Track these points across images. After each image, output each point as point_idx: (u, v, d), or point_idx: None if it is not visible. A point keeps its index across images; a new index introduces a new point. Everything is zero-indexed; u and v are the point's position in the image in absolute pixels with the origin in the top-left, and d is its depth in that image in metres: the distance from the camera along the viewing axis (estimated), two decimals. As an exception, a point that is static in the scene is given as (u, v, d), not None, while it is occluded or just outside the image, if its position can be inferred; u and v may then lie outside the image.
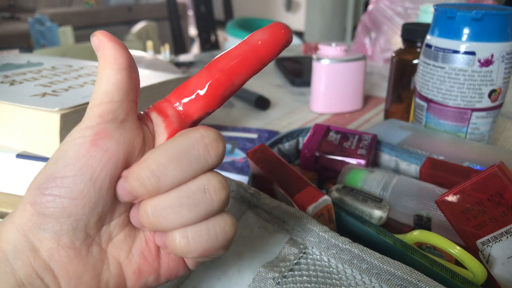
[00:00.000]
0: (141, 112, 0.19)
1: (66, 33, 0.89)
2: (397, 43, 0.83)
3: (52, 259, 0.16)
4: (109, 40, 0.17)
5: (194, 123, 0.19)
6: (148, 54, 0.65)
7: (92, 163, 0.15)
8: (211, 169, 0.17)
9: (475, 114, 0.37)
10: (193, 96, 0.18)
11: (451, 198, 0.24)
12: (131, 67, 0.17)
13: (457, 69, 0.36)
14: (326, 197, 0.25)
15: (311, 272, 0.21)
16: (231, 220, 0.17)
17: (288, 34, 0.19)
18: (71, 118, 0.30)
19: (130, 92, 0.17)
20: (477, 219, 0.23)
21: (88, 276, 0.16)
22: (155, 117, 0.18)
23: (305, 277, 0.21)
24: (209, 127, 0.17)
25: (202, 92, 0.18)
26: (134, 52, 0.65)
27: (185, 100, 0.19)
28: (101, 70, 0.17)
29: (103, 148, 0.16)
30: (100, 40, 0.17)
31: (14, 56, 0.47)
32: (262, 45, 0.18)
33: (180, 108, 0.19)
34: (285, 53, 1.00)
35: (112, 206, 0.17)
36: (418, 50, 0.46)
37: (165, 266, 0.18)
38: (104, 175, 0.16)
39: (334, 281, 0.21)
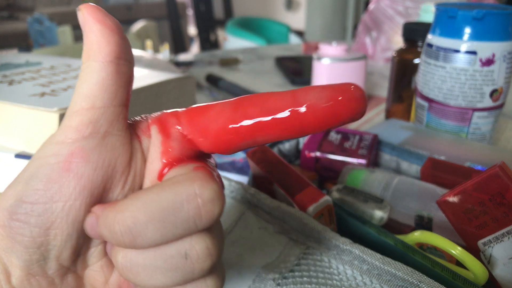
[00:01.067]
0: (141, 118, 0.16)
1: (65, 32, 0.89)
2: (398, 42, 0.83)
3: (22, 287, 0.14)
4: (95, 19, 0.14)
5: (198, 155, 0.16)
6: (148, 54, 0.65)
7: (65, 191, 0.13)
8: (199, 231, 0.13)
9: (476, 114, 0.37)
10: (206, 130, 0.15)
11: (452, 198, 0.23)
12: (121, 58, 0.14)
13: (458, 69, 0.36)
14: (326, 197, 0.25)
15: (311, 272, 0.21)
16: (214, 284, 0.14)
17: (359, 106, 0.13)
18: (70, 118, 0.30)
19: (118, 94, 0.14)
20: (479, 220, 0.23)
21: None
22: (155, 133, 0.15)
23: (305, 278, 0.21)
24: (209, 178, 0.13)
25: (218, 132, 0.14)
26: (134, 52, 0.65)
27: (196, 128, 0.15)
28: (85, 62, 0.14)
29: (77, 173, 0.13)
30: (85, 18, 0.14)
31: (12, 55, 0.47)
32: (313, 112, 0.13)
33: (186, 133, 0.15)
34: (285, 52, 1.00)
35: (88, 237, 0.14)
36: (419, 49, 0.46)
37: None
38: (79, 206, 0.13)
39: (335, 282, 0.20)
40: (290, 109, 0.14)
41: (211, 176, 0.13)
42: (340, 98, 0.13)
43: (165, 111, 0.16)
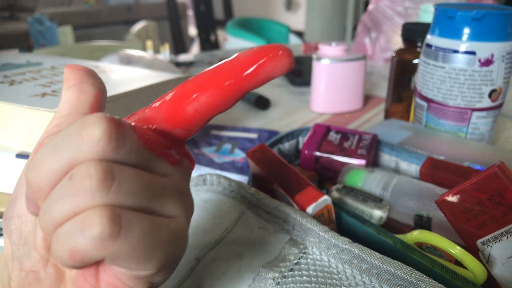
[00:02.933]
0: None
1: (66, 33, 0.89)
2: (398, 42, 0.83)
3: (18, 286, 0.16)
4: (68, 68, 0.18)
5: (160, 137, 0.16)
6: (148, 54, 0.65)
7: None
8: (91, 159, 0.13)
9: (475, 114, 0.37)
10: (158, 102, 0.17)
11: (452, 198, 0.24)
12: (83, 82, 0.18)
13: (457, 69, 0.36)
14: (326, 197, 0.25)
15: (311, 272, 0.21)
16: (102, 213, 0.13)
17: (283, 56, 0.16)
18: (70, 118, 0.30)
19: (80, 105, 0.17)
20: (478, 219, 0.23)
21: None
22: None
23: (305, 277, 0.21)
24: (101, 114, 0.14)
25: (167, 98, 0.16)
26: (134, 52, 0.65)
27: (154, 104, 0.17)
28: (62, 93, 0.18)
29: None
30: (65, 70, 0.18)
31: (13, 56, 0.47)
32: (240, 61, 0.16)
33: (148, 112, 0.16)
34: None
35: None
36: (419, 49, 0.46)
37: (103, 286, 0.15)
38: None
39: (334, 281, 0.21)
40: (226, 65, 0.16)
41: (106, 117, 0.14)
42: (266, 49, 0.16)
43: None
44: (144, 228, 0.13)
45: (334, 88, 0.56)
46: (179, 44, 1.95)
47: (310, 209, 0.24)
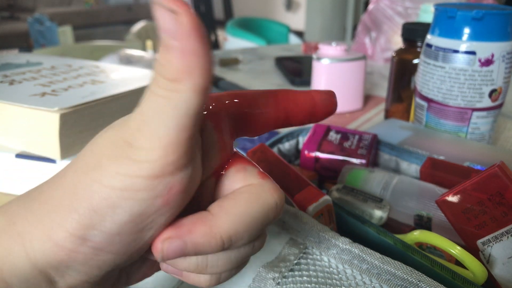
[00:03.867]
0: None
1: (66, 32, 0.89)
2: (398, 42, 0.83)
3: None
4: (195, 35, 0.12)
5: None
6: (148, 54, 0.65)
7: (159, 221, 0.14)
8: None
9: (475, 114, 0.37)
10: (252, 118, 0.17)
11: (452, 198, 0.24)
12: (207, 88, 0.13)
13: (457, 69, 0.36)
14: (326, 197, 0.25)
15: (311, 272, 0.21)
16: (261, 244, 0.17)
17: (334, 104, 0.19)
18: (70, 118, 0.30)
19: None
20: (478, 219, 0.23)
21: None
22: (210, 129, 0.16)
23: (305, 277, 0.21)
24: (278, 189, 0.16)
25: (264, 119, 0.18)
26: (134, 52, 0.65)
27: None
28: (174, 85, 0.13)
29: (175, 206, 0.14)
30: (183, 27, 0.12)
31: (13, 55, 0.47)
32: (320, 108, 0.19)
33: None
34: (285, 53, 1.00)
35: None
36: (419, 49, 0.46)
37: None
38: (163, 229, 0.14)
39: (334, 281, 0.21)
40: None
41: (275, 183, 0.16)
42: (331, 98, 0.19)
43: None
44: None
45: (334, 88, 0.56)
46: (179, 44, 1.95)
47: (310, 209, 0.24)
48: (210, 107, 0.16)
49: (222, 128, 0.16)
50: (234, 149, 0.17)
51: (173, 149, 0.12)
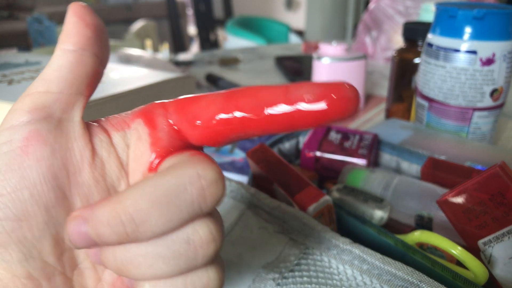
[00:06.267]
0: (120, 115, 0.15)
1: (65, 32, 0.89)
2: (398, 42, 0.83)
3: None
4: (74, 13, 0.14)
5: (187, 148, 0.15)
6: (147, 53, 0.65)
7: (28, 176, 0.13)
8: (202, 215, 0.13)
9: (476, 113, 0.37)
10: (197, 122, 0.14)
11: (453, 198, 0.23)
12: (85, 50, 0.14)
13: (458, 68, 0.36)
14: (326, 197, 0.25)
15: (311, 272, 0.21)
16: (216, 275, 0.13)
17: (352, 105, 0.13)
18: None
19: (75, 83, 0.14)
20: (479, 219, 0.23)
21: None
22: (140, 126, 0.15)
23: (305, 278, 0.21)
24: (208, 161, 0.13)
25: (207, 122, 0.14)
26: (133, 51, 0.65)
27: (185, 118, 0.14)
28: (55, 50, 0.14)
29: (36, 157, 0.13)
30: (68, 12, 0.14)
31: (12, 55, 0.47)
32: (305, 110, 0.13)
33: (174, 123, 0.15)
34: (285, 52, 1.00)
35: None
36: (419, 49, 0.46)
37: None
38: (47, 190, 0.13)
39: (335, 281, 0.20)
40: (281, 104, 0.13)
41: (211, 159, 0.13)
42: (333, 96, 0.13)
43: (153, 102, 0.16)
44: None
45: (334, 87, 0.56)
46: (179, 43, 1.95)
47: (310, 209, 0.24)
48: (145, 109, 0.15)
49: (156, 124, 0.15)
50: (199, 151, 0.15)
51: (26, 100, 0.14)
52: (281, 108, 0.13)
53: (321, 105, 0.13)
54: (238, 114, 0.14)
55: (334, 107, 0.13)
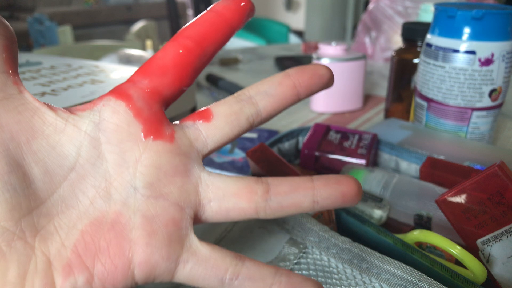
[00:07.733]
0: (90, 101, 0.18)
1: (65, 32, 0.89)
2: (398, 42, 0.83)
3: None
4: None
5: (166, 102, 0.17)
6: (148, 53, 0.65)
7: None
8: None
9: (475, 113, 0.37)
10: (160, 70, 0.17)
11: (452, 197, 0.24)
12: None
13: (457, 68, 0.36)
14: (326, 196, 0.25)
15: (311, 271, 0.21)
16: None
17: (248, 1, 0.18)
18: (70, 118, 0.30)
19: None
20: (478, 219, 0.23)
21: (12, 275, 0.14)
22: (111, 101, 0.16)
23: (305, 277, 0.21)
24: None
25: (170, 63, 0.17)
26: (134, 51, 0.65)
27: (151, 76, 0.17)
28: None
29: None
30: None
31: (13, 55, 0.47)
32: (227, 10, 0.18)
33: (147, 86, 0.17)
34: (285, 52, 1.00)
35: (25, 194, 0.14)
36: (419, 49, 0.46)
37: (100, 268, 0.15)
38: None
39: (334, 280, 0.21)
40: (213, 15, 0.17)
41: None
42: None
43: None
44: None
45: (334, 87, 0.56)
46: (179, 44, 1.95)
47: (310, 208, 0.24)
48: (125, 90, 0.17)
49: (129, 94, 0.16)
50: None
51: None
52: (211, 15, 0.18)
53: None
54: (188, 40, 0.17)
55: (239, 3, 0.18)
